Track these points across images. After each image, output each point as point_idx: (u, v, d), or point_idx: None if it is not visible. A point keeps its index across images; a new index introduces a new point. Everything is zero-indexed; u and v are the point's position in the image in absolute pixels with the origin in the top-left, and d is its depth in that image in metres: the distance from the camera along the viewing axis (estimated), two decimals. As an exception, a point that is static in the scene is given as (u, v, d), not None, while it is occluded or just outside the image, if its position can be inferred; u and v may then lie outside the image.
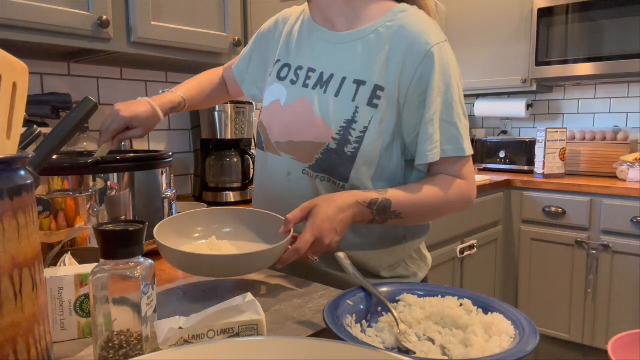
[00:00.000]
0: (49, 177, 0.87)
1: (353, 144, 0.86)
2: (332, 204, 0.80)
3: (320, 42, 0.95)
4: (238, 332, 0.56)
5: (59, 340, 0.62)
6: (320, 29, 0.96)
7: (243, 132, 1.82)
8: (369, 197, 0.84)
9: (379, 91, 0.86)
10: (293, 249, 0.78)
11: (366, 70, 0.88)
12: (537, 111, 3.05)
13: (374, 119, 0.86)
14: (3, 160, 0.41)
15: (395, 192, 0.86)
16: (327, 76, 0.91)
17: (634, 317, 2.21)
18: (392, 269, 0.97)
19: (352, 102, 0.87)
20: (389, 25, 0.89)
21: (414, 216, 0.89)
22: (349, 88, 0.88)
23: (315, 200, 0.82)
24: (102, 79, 1.70)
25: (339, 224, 0.80)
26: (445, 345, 0.60)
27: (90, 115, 0.71)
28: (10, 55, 0.44)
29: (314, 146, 0.89)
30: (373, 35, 0.89)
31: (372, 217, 0.85)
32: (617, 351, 0.51)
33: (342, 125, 0.87)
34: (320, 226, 0.78)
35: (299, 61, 0.97)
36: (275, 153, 0.95)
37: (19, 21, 1.15)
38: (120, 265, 0.53)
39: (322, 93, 0.90)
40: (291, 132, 0.92)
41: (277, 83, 0.98)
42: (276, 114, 0.96)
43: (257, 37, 1.10)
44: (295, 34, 1.00)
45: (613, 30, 2.38)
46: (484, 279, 2.48)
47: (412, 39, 0.86)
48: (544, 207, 2.45)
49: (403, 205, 0.86)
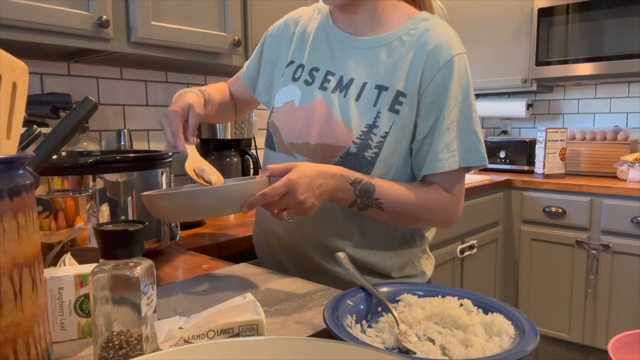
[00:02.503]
0: (49, 177, 0.87)
1: (373, 149, 0.87)
2: (315, 167, 0.80)
3: (340, 45, 0.95)
4: (238, 332, 0.56)
5: (59, 340, 0.62)
6: (340, 33, 0.96)
7: (243, 132, 1.82)
8: (354, 175, 0.83)
9: (401, 97, 0.87)
10: (261, 192, 0.75)
11: (389, 76, 0.88)
12: (537, 111, 3.05)
13: (395, 124, 0.87)
14: (3, 160, 0.40)
15: (381, 181, 0.86)
16: (347, 80, 0.91)
17: (634, 317, 2.21)
18: (401, 269, 0.97)
19: (374, 107, 0.88)
20: (412, 33, 0.90)
21: (394, 212, 0.87)
22: (370, 93, 0.89)
23: (301, 162, 0.82)
24: (102, 79, 1.70)
25: (318, 187, 0.79)
26: (445, 345, 0.60)
27: (90, 115, 0.71)
28: (10, 55, 0.44)
29: (333, 149, 0.88)
30: (397, 42, 0.90)
31: (354, 198, 0.84)
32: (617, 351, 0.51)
33: (363, 130, 0.87)
34: (296, 180, 0.76)
35: (314, 62, 0.96)
36: (289, 154, 0.94)
37: (19, 21, 1.15)
38: (120, 265, 0.53)
39: (342, 97, 0.90)
40: (308, 134, 0.91)
41: (292, 84, 0.97)
42: (290, 114, 0.95)
43: (265, 40, 1.08)
44: (310, 35, 0.99)
45: (613, 30, 2.38)
46: (484, 279, 2.48)
47: (435, 46, 0.87)
48: (544, 207, 2.45)
49: (386, 195, 0.85)
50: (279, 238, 0.99)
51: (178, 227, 1.12)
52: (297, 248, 0.96)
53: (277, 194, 0.76)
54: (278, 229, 0.99)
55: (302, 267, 0.97)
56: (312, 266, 0.96)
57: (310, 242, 0.95)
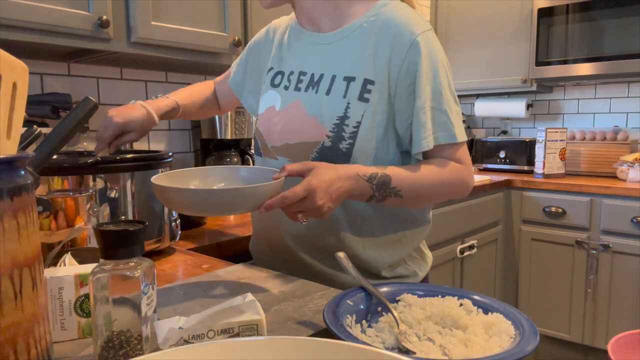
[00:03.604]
0: (49, 177, 0.87)
1: (347, 140, 0.87)
2: (333, 170, 0.81)
3: (308, 44, 0.97)
4: (238, 332, 0.56)
5: (59, 340, 0.62)
6: (306, 32, 0.98)
7: (243, 132, 1.82)
8: (369, 171, 0.84)
9: (369, 85, 0.87)
10: (280, 195, 0.76)
11: (354, 66, 0.89)
12: (537, 111, 3.05)
13: (366, 113, 0.87)
14: (3, 160, 0.41)
15: (395, 169, 0.86)
16: (318, 76, 0.93)
17: (634, 317, 2.21)
18: (392, 269, 0.97)
19: (344, 99, 0.88)
20: (372, 20, 0.90)
21: (413, 195, 0.88)
22: (340, 85, 0.89)
23: (318, 162, 0.82)
24: (102, 79, 1.70)
25: (335, 190, 0.80)
26: (445, 345, 0.60)
27: (90, 115, 0.71)
28: (10, 55, 0.44)
29: (309, 146, 0.89)
30: (358, 32, 0.91)
31: (372, 193, 0.84)
32: (617, 351, 0.51)
33: (335, 123, 0.88)
34: (316, 185, 0.77)
35: (290, 67, 0.98)
36: (273, 157, 0.96)
37: (19, 21, 1.15)
38: (120, 265, 0.53)
39: (314, 93, 0.92)
40: (286, 135, 0.93)
41: (271, 90, 0.99)
42: (272, 119, 0.97)
43: (249, 48, 1.12)
44: (285, 41, 1.02)
45: (613, 30, 2.38)
46: (484, 279, 2.48)
47: (397, 29, 0.87)
48: (544, 207, 2.45)
49: (402, 181, 0.85)
50: (270, 241, 1.00)
51: (178, 227, 1.12)
52: (288, 249, 0.96)
53: (297, 198, 0.77)
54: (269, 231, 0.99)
55: (295, 270, 0.96)
56: (305, 269, 0.96)
57: (302, 244, 0.95)
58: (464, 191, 0.93)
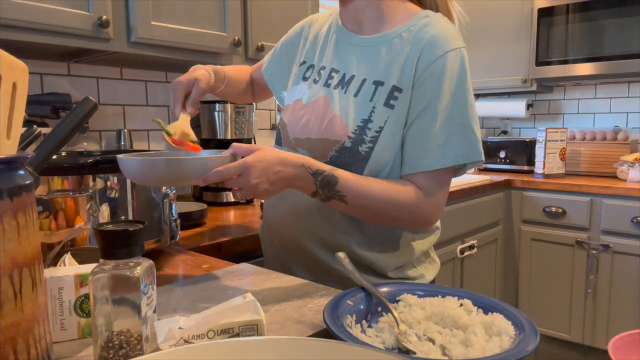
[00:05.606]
0: (49, 177, 0.87)
1: (368, 144, 0.87)
2: (276, 154, 0.80)
3: (346, 44, 0.98)
4: (238, 332, 0.56)
5: (59, 340, 0.62)
6: (347, 33, 0.98)
7: (243, 132, 1.82)
8: (317, 166, 0.83)
9: (397, 92, 0.88)
10: (216, 170, 0.76)
11: (386, 72, 0.90)
12: (537, 111, 3.05)
13: (390, 119, 0.88)
14: (3, 160, 0.41)
15: (345, 173, 0.85)
16: (349, 77, 0.94)
17: (634, 317, 2.21)
18: (400, 271, 0.97)
19: (370, 102, 0.89)
20: (411, 29, 0.91)
21: (359, 205, 0.86)
22: (368, 89, 0.90)
23: (266, 147, 0.82)
24: (102, 79, 1.70)
25: (275, 174, 0.79)
26: (445, 345, 0.60)
27: (90, 115, 0.71)
28: (10, 55, 0.44)
29: (330, 143, 0.90)
30: (397, 40, 0.91)
31: (315, 189, 0.84)
32: (617, 351, 0.51)
33: (358, 125, 0.88)
34: (252, 164, 0.77)
35: (323, 62, 1.00)
36: (293, 148, 0.97)
37: (19, 21, 1.15)
38: (120, 265, 0.53)
39: (343, 93, 0.93)
40: (310, 129, 0.94)
41: (302, 83, 1.01)
42: (297, 111, 0.98)
43: (283, 43, 1.14)
44: (321, 36, 1.03)
45: (613, 30, 2.38)
46: (484, 279, 2.48)
47: (429, 41, 0.87)
48: (544, 207, 2.45)
49: (349, 188, 0.84)
50: (280, 234, 1.01)
51: (178, 227, 1.12)
52: (299, 244, 0.97)
53: (231, 174, 0.76)
54: (280, 225, 1.00)
55: (305, 264, 0.98)
56: (315, 264, 0.96)
57: (311, 239, 0.95)
58: (420, 224, 0.90)
